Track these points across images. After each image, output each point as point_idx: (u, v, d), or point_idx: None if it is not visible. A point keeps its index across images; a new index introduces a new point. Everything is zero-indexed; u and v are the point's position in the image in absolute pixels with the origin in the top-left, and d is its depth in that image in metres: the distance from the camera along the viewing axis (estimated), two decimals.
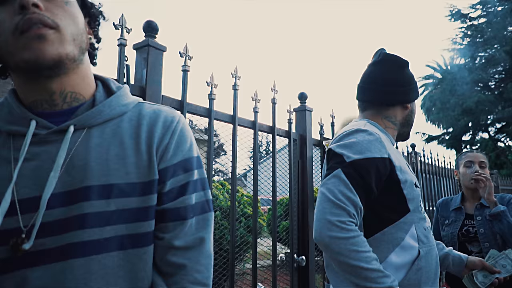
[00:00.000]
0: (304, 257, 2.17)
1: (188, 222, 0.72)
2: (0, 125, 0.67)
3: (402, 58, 1.31)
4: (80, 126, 0.68)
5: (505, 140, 20.75)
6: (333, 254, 1.00)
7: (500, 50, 18.52)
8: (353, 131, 1.17)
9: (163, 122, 0.73)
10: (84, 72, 0.72)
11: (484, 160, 2.09)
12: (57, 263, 0.61)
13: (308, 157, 2.31)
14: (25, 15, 0.61)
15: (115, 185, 0.66)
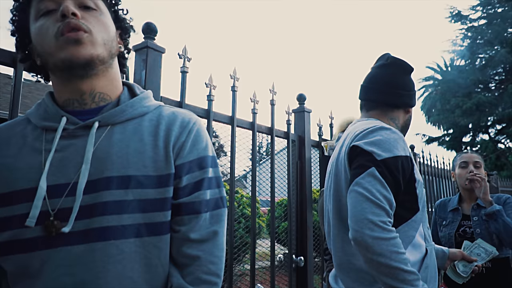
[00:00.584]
0: (302, 257, 2.17)
1: (202, 216, 0.77)
2: (36, 122, 0.77)
3: (409, 64, 1.35)
4: (104, 123, 0.75)
5: (506, 141, 20.74)
6: (374, 255, 0.97)
7: (500, 51, 18.53)
8: (377, 128, 1.15)
9: (180, 122, 0.80)
10: (113, 76, 0.81)
11: (478, 160, 2.10)
12: (80, 246, 0.68)
13: (306, 158, 2.32)
14: (65, 21, 0.71)
15: (133, 176, 0.72)
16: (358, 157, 1.11)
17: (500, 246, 1.91)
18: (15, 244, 0.69)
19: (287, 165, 2.25)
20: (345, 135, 1.31)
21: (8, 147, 0.75)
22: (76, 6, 0.73)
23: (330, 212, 1.28)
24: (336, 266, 1.19)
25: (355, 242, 1.00)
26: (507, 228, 1.82)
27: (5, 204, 0.70)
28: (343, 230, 1.17)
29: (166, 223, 0.75)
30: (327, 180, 1.36)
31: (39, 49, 0.74)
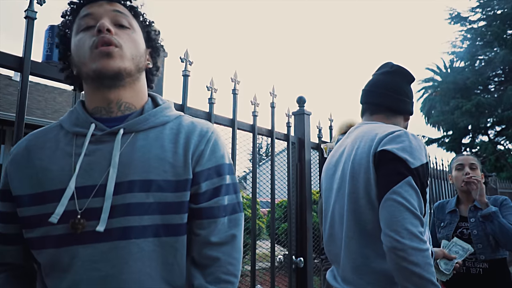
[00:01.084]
0: (302, 258, 2.20)
1: (221, 221, 0.82)
2: (68, 127, 0.84)
3: (412, 74, 1.39)
4: (129, 130, 0.82)
5: (505, 143, 20.76)
6: (410, 264, 0.98)
7: (500, 53, 18.55)
8: (403, 133, 1.15)
9: (199, 131, 0.86)
10: (139, 88, 0.88)
11: (474, 162, 2.13)
12: (105, 243, 0.74)
13: (306, 160, 2.35)
14: (100, 36, 0.78)
15: (154, 181, 0.77)
16: (390, 163, 1.10)
17: (497, 247, 1.93)
18: (46, 240, 0.76)
19: (287, 167, 2.27)
20: (355, 137, 1.30)
21: (43, 150, 0.82)
22: (112, 23, 0.82)
23: (336, 213, 1.27)
24: (349, 268, 1.18)
25: (391, 250, 1.01)
26: (502, 229, 1.85)
27: (38, 203, 0.77)
28: (359, 232, 1.16)
29: (182, 225, 0.80)
30: (330, 181, 1.36)
31: (76, 60, 0.82)
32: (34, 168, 0.80)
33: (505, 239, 1.86)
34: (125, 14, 0.85)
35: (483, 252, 1.94)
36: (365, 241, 1.14)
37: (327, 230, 1.33)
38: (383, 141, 1.15)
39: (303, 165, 2.33)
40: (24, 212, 0.79)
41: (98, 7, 0.83)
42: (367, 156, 1.16)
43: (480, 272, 1.94)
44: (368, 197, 1.14)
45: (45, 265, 0.78)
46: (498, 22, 19.04)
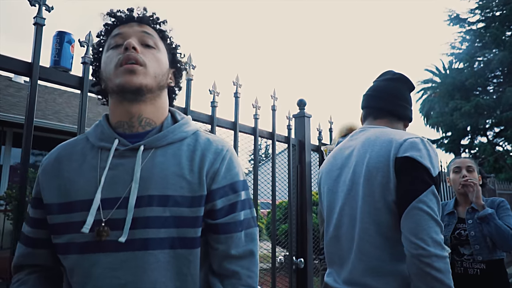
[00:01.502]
0: (302, 259, 2.23)
1: (238, 235, 0.88)
2: (94, 141, 0.90)
3: (412, 82, 1.44)
4: (149, 146, 0.87)
5: (504, 144, 20.80)
6: (433, 270, 1.02)
7: (499, 54, 18.60)
8: (421, 140, 1.19)
9: (214, 149, 0.90)
10: (159, 105, 0.93)
11: (471, 165, 2.17)
12: (125, 253, 0.79)
13: (306, 162, 2.38)
14: (126, 53, 0.85)
15: (171, 196, 0.82)
16: (414, 170, 1.13)
17: (494, 248, 1.97)
18: (71, 246, 0.82)
19: (287, 169, 2.30)
20: (365, 141, 1.30)
21: (70, 162, 0.89)
22: (139, 42, 0.89)
23: (345, 216, 1.27)
24: (361, 270, 1.19)
25: (416, 257, 1.05)
26: (499, 231, 1.88)
27: (66, 212, 0.84)
28: (375, 235, 1.17)
29: (197, 239, 0.84)
30: (334, 183, 1.35)
31: (104, 75, 0.90)
32: (62, 179, 0.86)
33: (502, 240, 1.89)
34: (152, 36, 0.93)
35: (481, 253, 1.98)
36: (381, 244, 1.16)
37: (331, 231, 1.34)
38: (402, 146, 1.17)
39: (304, 167, 2.36)
40: (53, 219, 0.85)
41: (128, 28, 0.91)
42: (386, 160, 1.18)
43: (477, 272, 1.97)
44: (384, 200, 1.16)
45: (69, 269, 0.83)
46: (497, 24, 19.09)
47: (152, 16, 0.96)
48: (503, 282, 1.99)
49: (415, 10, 74.98)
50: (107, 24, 0.94)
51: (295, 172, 2.36)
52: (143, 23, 0.93)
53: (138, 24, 0.92)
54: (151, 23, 0.95)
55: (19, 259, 0.91)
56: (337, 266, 1.32)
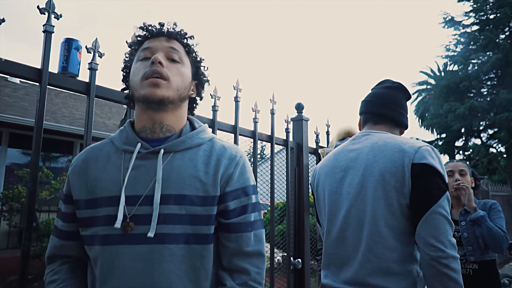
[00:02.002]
0: (300, 260, 2.27)
1: (248, 235, 0.95)
2: (119, 145, 0.98)
3: (409, 92, 1.51)
4: (168, 150, 0.95)
5: (497, 146, 20.98)
6: (450, 270, 1.11)
7: (492, 57, 18.76)
8: (431, 148, 1.27)
9: (229, 155, 0.98)
10: (180, 114, 1.01)
11: (463, 168, 2.23)
12: (144, 245, 0.86)
13: (304, 164, 2.43)
14: (153, 67, 0.93)
15: (187, 196, 0.90)
16: (432, 176, 1.19)
17: (486, 249, 2.03)
18: (96, 238, 0.90)
19: (286, 171, 2.35)
20: (372, 146, 1.33)
21: (97, 163, 0.97)
22: (165, 57, 0.97)
23: (352, 218, 1.29)
24: (368, 271, 1.22)
25: (435, 259, 1.12)
26: (490, 232, 1.94)
27: (92, 207, 0.92)
28: (387, 237, 1.21)
29: (210, 235, 0.92)
30: (337, 185, 1.37)
31: (132, 84, 0.99)
32: (89, 177, 0.95)
33: (493, 242, 1.95)
34: (178, 51, 1.01)
35: (473, 254, 2.04)
36: (393, 245, 1.21)
37: (335, 233, 1.35)
38: (418, 153, 1.22)
39: (301, 169, 2.41)
40: (81, 213, 0.94)
41: (158, 42, 0.99)
42: (401, 166, 1.22)
43: (470, 272, 2.03)
44: (398, 204, 1.21)
45: (93, 259, 0.91)
46: (491, 27, 19.26)
47: (180, 32, 1.03)
48: (495, 282, 2.05)
49: (411, 13, 75.39)
50: (139, 35, 1.02)
51: (293, 174, 2.40)
52: (172, 38, 1.01)
53: (166, 39, 1.00)
54: (179, 38, 1.03)
55: (52, 250, 1.00)
56: (335, 267, 1.35)
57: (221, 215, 0.94)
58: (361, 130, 1.51)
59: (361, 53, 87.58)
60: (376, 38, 76.50)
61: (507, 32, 19.71)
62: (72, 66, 1.32)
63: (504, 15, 18.88)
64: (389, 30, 73.51)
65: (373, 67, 77.68)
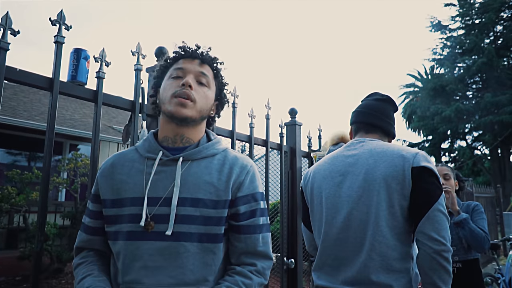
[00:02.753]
0: (293, 260, 2.36)
1: (256, 236, 1.04)
2: (142, 152, 1.08)
3: (396, 104, 1.62)
4: (186, 158, 1.05)
5: (482, 148, 21.40)
6: (446, 262, 1.23)
7: (478, 61, 19.10)
8: (426, 154, 1.39)
9: (241, 164, 1.08)
10: (199, 129, 1.12)
11: (448, 172, 2.33)
12: (162, 242, 0.96)
13: (297, 167, 2.51)
14: (182, 88, 1.04)
15: (201, 199, 1.00)
16: (431, 178, 1.31)
17: (469, 249, 2.14)
18: (120, 234, 1.00)
19: (279, 174, 2.43)
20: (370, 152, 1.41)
21: (122, 168, 1.08)
22: (194, 80, 1.08)
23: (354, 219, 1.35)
24: (371, 269, 1.30)
25: (437, 252, 1.23)
26: (473, 234, 2.05)
27: (116, 206, 1.03)
28: (389, 237, 1.30)
29: (220, 235, 1.01)
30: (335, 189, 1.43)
31: (161, 96, 1.10)
32: (115, 180, 1.05)
33: (475, 243, 2.06)
34: (207, 76, 1.11)
35: (457, 254, 2.14)
36: (395, 245, 1.30)
37: (334, 234, 1.40)
38: (416, 158, 1.33)
39: (295, 172, 2.50)
40: (107, 212, 1.04)
41: (191, 65, 1.09)
42: (401, 170, 1.32)
43: (454, 271, 2.14)
44: (399, 206, 1.31)
45: (116, 253, 1.01)
46: (476, 31, 19.63)
47: (212, 58, 1.14)
48: (478, 280, 2.16)
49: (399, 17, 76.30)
50: (176, 52, 1.13)
51: (287, 177, 2.49)
52: (204, 63, 1.11)
53: (199, 63, 1.10)
54: (211, 63, 1.13)
55: (80, 243, 1.10)
56: (331, 268, 1.40)
57: (232, 218, 1.04)
58: (353, 138, 1.59)
59: (351, 57, 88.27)
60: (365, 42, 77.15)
61: (492, 36, 20.12)
62: (81, 75, 1.38)
63: (488, 20, 19.26)
64: (378, 34, 74.21)
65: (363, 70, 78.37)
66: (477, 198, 8.17)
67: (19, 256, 5.89)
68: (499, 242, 4.23)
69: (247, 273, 1.01)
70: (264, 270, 1.05)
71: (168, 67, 1.13)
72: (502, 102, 17.68)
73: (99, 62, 1.44)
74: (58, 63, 1.30)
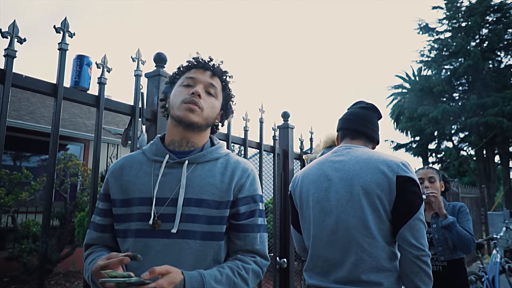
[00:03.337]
0: (285, 259, 2.42)
1: (254, 235, 1.11)
2: (150, 156, 1.16)
3: (380, 112, 1.71)
4: (191, 161, 1.12)
5: (468, 149, 21.75)
6: (427, 266, 1.36)
7: (464, 63, 19.40)
8: (405, 161, 1.47)
9: (242, 168, 1.17)
10: (204, 134, 1.19)
11: (433, 175, 2.41)
12: (168, 239, 1.03)
13: (290, 169, 2.58)
14: (192, 96, 1.12)
15: (205, 200, 1.08)
16: (413, 187, 1.41)
17: (454, 250, 2.23)
18: (129, 232, 1.08)
19: (273, 176, 2.49)
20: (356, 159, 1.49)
21: (131, 170, 1.15)
22: (204, 90, 1.15)
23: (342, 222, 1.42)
24: (363, 269, 1.38)
25: (417, 257, 1.35)
26: (460, 237, 2.14)
27: (125, 206, 1.10)
28: (378, 239, 1.39)
29: (222, 233, 1.09)
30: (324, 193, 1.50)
31: (171, 102, 1.17)
32: (124, 181, 1.13)
33: (462, 245, 2.16)
34: (216, 87, 1.19)
35: (443, 254, 2.23)
36: (383, 246, 1.39)
37: (324, 237, 1.47)
38: (400, 167, 1.42)
39: (287, 174, 2.56)
40: (116, 211, 1.11)
41: (202, 76, 1.17)
42: (386, 177, 1.40)
43: (440, 269, 2.23)
44: (384, 210, 1.40)
45: (125, 250, 1.08)
46: (462, 34, 19.95)
47: (223, 71, 1.22)
48: (462, 278, 2.25)
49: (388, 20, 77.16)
50: (189, 61, 1.20)
51: (280, 178, 2.55)
52: (215, 76, 1.19)
53: (210, 75, 1.18)
54: (220, 76, 1.21)
55: (90, 241, 1.15)
56: (322, 269, 1.48)
57: (232, 217, 1.11)
58: (339, 144, 1.67)
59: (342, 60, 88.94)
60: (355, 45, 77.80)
61: (478, 39, 20.47)
62: (83, 81, 1.42)
63: (474, 23, 19.59)
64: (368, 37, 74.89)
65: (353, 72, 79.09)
66: (463, 199, 8.34)
67: (7, 257, 5.85)
68: (483, 242, 4.35)
69: (247, 260, 1.09)
70: (262, 265, 1.12)
71: (180, 75, 1.21)
72: (487, 104, 18.01)
73: (101, 68, 1.48)
74: (62, 70, 1.34)
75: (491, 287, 3.94)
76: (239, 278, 1.04)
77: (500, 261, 4.22)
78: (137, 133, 1.58)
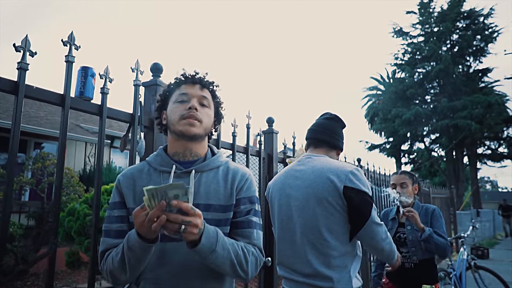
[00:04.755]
0: (270, 258, 2.55)
1: (250, 230, 1.22)
2: (156, 167, 1.25)
3: (344, 122, 1.88)
4: (197, 170, 1.22)
5: (438, 150, 22.50)
6: (390, 253, 1.67)
7: (436, 67, 20.00)
8: (355, 169, 1.61)
9: (241, 173, 1.28)
10: (203, 143, 1.30)
11: (405, 181, 2.58)
12: (180, 242, 1.08)
13: (274, 172, 2.71)
14: (190, 111, 1.21)
15: (212, 205, 1.19)
16: (359, 195, 1.56)
17: (426, 250, 2.41)
18: None
19: (258, 179, 2.61)
20: (313, 168, 1.66)
21: (141, 180, 1.24)
22: (198, 103, 1.24)
23: (299, 226, 1.62)
24: (318, 265, 1.57)
25: (387, 252, 1.65)
26: (437, 246, 2.32)
27: None
28: (330, 239, 1.57)
29: (226, 234, 1.19)
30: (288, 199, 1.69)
31: (169, 117, 1.26)
32: (136, 192, 1.22)
33: (440, 253, 2.35)
34: (207, 98, 1.29)
35: (416, 254, 2.41)
36: (334, 245, 1.57)
37: (287, 237, 1.69)
38: (348, 178, 1.56)
39: (272, 177, 2.69)
40: (131, 218, 1.17)
41: (193, 90, 1.26)
42: (335, 186, 1.56)
43: (412, 266, 2.42)
44: (337, 214, 1.57)
45: None
46: (434, 39, 20.61)
47: (210, 82, 1.31)
48: (433, 274, 2.44)
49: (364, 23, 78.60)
50: (178, 78, 1.29)
51: (265, 181, 2.68)
52: (204, 88, 1.29)
53: (200, 88, 1.28)
54: (209, 87, 1.30)
55: (108, 246, 1.19)
56: (287, 264, 1.68)
57: (232, 217, 1.22)
58: (306, 152, 1.85)
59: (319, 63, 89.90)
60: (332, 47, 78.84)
61: (449, 44, 21.19)
62: (88, 91, 1.50)
63: (446, 28, 20.26)
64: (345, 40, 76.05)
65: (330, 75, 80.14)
66: (433, 199, 8.70)
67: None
68: (452, 240, 4.60)
69: (248, 246, 1.17)
70: (259, 256, 1.19)
71: (171, 92, 1.30)
72: (457, 107, 18.69)
73: (103, 79, 1.57)
74: (69, 81, 1.42)
75: (458, 282, 4.17)
76: (241, 251, 1.13)
77: (466, 258, 4.47)
78: (136, 139, 1.68)
